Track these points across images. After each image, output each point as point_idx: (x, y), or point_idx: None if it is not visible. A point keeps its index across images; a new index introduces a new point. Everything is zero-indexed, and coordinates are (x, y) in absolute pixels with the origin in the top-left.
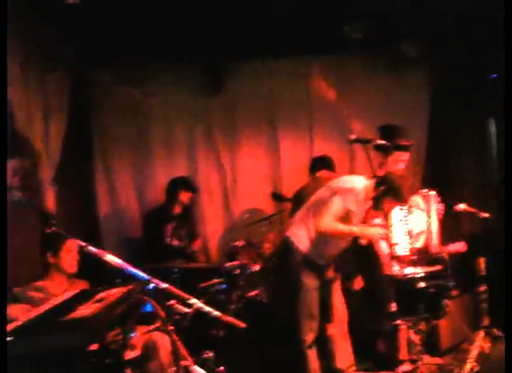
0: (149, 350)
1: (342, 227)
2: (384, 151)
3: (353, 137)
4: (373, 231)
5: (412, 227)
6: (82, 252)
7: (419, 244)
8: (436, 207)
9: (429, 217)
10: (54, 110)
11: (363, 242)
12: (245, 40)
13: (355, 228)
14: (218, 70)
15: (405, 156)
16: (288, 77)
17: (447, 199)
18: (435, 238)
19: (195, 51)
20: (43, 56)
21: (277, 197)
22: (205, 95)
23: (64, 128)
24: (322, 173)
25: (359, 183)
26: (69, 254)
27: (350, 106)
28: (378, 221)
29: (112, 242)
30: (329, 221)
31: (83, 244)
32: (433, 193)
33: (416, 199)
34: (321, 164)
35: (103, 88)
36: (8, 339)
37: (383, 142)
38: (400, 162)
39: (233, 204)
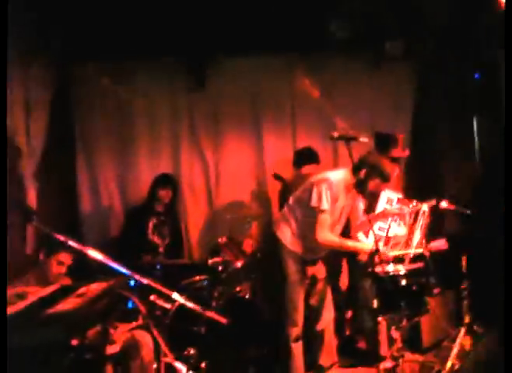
0: (131, 348)
1: (339, 241)
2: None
3: (336, 134)
4: (367, 246)
5: (392, 233)
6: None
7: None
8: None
9: (411, 224)
10: (36, 106)
11: (362, 257)
12: (228, 36)
13: (350, 243)
14: (201, 66)
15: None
16: (271, 74)
17: (430, 197)
18: (416, 239)
19: (178, 47)
20: (27, 50)
21: (278, 178)
22: (188, 91)
23: (47, 124)
24: (307, 169)
25: (336, 174)
26: (58, 265)
27: (333, 103)
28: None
29: (94, 239)
30: (325, 235)
31: (65, 239)
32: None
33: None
34: (305, 158)
35: (86, 84)
36: None
37: (366, 140)
38: None
39: (216, 201)
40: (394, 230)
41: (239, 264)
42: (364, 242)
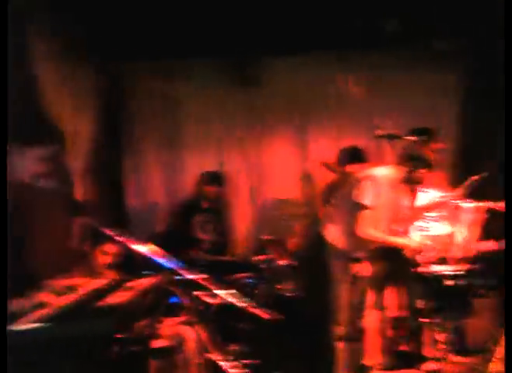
0: (176, 342)
1: (382, 236)
2: None
3: (380, 132)
4: (412, 243)
5: (436, 232)
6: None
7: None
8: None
9: (458, 222)
10: (86, 102)
11: (407, 253)
12: (276, 35)
13: (394, 239)
14: (246, 66)
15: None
16: (318, 72)
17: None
18: (464, 239)
19: (226, 45)
20: (77, 47)
21: (329, 168)
22: (235, 88)
23: (96, 121)
24: (351, 167)
25: (381, 170)
26: (103, 256)
27: (379, 102)
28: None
29: (140, 235)
30: (367, 230)
31: (113, 233)
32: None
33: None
34: (350, 156)
35: (133, 82)
36: (38, 324)
37: (412, 138)
38: None
39: (260, 199)
40: (438, 229)
41: (283, 262)
42: (409, 239)
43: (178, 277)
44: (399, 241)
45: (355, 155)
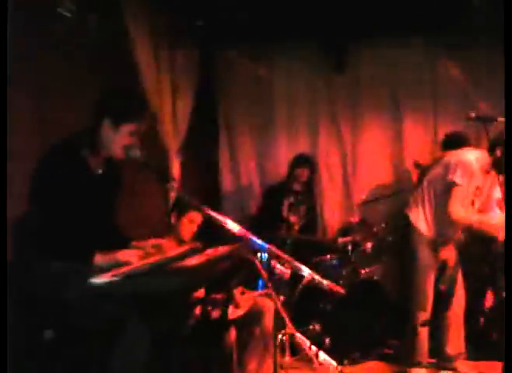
0: (255, 314)
1: (474, 217)
2: None
3: (473, 114)
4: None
5: None
6: (204, 220)
7: None
8: None
9: None
10: (182, 85)
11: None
12: (369, 21)
13: (488, 220)
14: (343, 48)
15: None
16: (413, 58)
17: None
18: None
19: (321, 29)
20: (173, 32)
21: (418, 167)
22: (329, 73)
23: (192, 103)
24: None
25: (472, 153)
26: (189, 224)
27: (475, 88)
28: None
29: (232, 215)
30: (459, 210)
31: (205, 208)
32: None
33: None
34: (453, 142)
35: (229, 67)
36: (118, 278)
37: (503, 120)
38: None
39: (352, 183)
40: None
41: (369, 245)
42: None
43: (264, 256)
44: (494, 224)
45: (458, 142)
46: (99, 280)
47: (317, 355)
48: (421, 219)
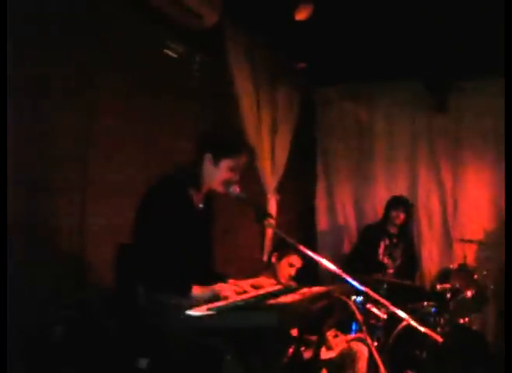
0: (348, 357)
1: None
2: None
3: None
4: None
5: None
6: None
7: None
8: None
9: None
10: (281, 122)
11: None
12: (469, 59)
13: None
14: (442, 88)
15: None
16: None
17: None
18: None
19: (419, 69)
20: (274, 70)
21: None
22: (429, 113)
23: (290, 140)
24: None
25: None
26: (288, 267)
27: None
28: None
29: (327, 254)
30: None
31: (302, 246)
32: None
33: None
34: None
35: (328, 105)
36: (213, 312)
37: None
38: None
39: (452, 227)
40: None
41: (469, 293)
42: None
43: (359, 299)
44: None
45: None
46: (195, 312)
47: None
48: None
